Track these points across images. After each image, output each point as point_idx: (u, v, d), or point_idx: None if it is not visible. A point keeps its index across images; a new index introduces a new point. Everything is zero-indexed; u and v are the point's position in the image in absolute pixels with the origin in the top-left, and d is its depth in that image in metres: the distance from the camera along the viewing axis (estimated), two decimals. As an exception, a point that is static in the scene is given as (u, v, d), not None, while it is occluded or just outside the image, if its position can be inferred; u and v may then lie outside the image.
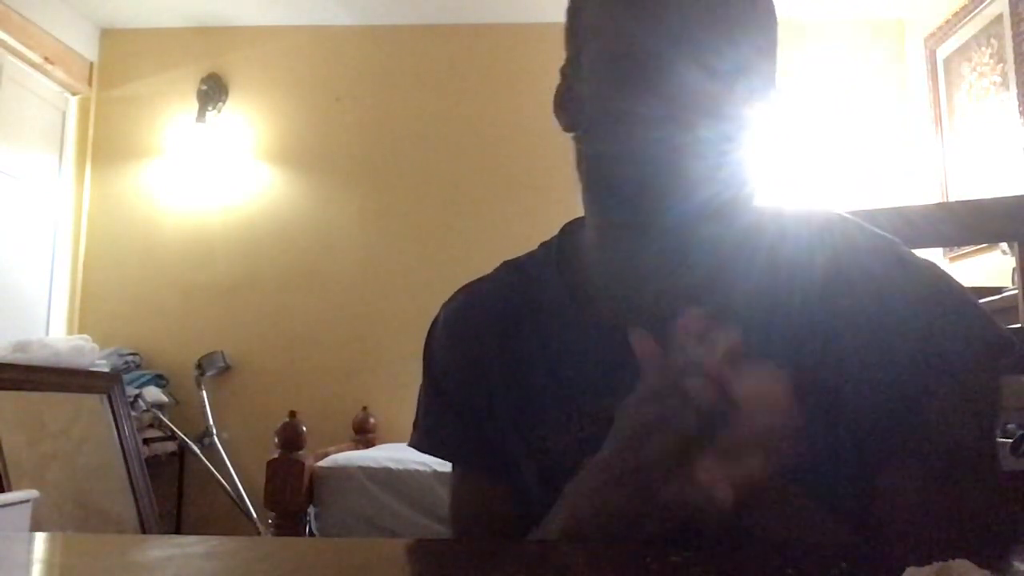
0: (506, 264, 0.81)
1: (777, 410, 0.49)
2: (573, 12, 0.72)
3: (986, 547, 0.58)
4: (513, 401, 0.72)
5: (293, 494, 2.33)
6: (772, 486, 0.58)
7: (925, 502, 0.60)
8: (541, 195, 3.37)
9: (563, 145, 0.74)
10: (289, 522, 2.34)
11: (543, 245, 0.80)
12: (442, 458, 0.79)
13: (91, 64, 3.66)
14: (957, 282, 0.66)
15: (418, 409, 0.81)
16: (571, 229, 0.78)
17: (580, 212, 0.75)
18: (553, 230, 0.81)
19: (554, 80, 0.74)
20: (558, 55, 0.74)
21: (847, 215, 0.72)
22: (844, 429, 0.63)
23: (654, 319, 0.67)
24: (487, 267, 0.82)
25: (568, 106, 0.72)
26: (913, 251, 0.69)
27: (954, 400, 0.61)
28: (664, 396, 0.53)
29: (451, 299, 0.81)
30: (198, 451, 3.15)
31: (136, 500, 2.78)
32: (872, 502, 0.62)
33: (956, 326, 0.63)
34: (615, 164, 0.65)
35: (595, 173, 0.69)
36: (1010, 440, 1.75)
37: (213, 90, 3.59)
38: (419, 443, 0.79)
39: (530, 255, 0.80)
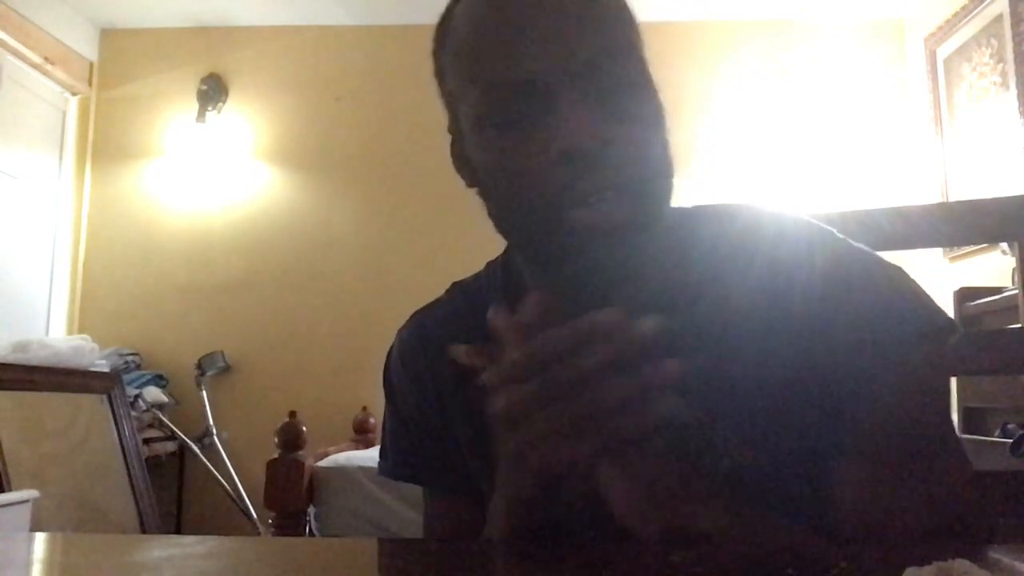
0: (456, 286, 0.81)
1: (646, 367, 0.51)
2: (438, 71, 0.71)
3: (958, 533, 0.58)
4: (470, 426, 0.73)
5: (293, 494, 2.33)
6: (718, 490, 0.59)
7: (876, 485, 0.60)
8: (541, 195, 3.37)
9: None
10: (289, 522, 2.34)
11: (489, 265, 0.80)
12: (413, 483, 0.79)
13: (91, 64, 3.66)
14: (895, 266, 0.66)
15: (383, 438, 0.82)
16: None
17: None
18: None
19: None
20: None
21: (771, 207, 0.72)
22: (790, 422, 0.63)
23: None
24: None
25: (462, 166, 0.71)
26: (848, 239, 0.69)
27: (901, 380, 0.61)
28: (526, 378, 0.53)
29: (404, 326, 0.82)
30: (198, 451, 3.15)
31: (136, 500, 2.79)
32: (824, 489, 0.62)
33: (899, 307, 0.63)
34: (529, 222, 0.63)
35: (508, 227, 0.68)
36: (1010, 440, 1.75)
37: (213, 90, 3.59)
38: (390, 472, 0.80)
39: (477, 276, 0.80)
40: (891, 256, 0.70)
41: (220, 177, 3.57)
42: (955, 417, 2.03)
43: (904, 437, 0.61)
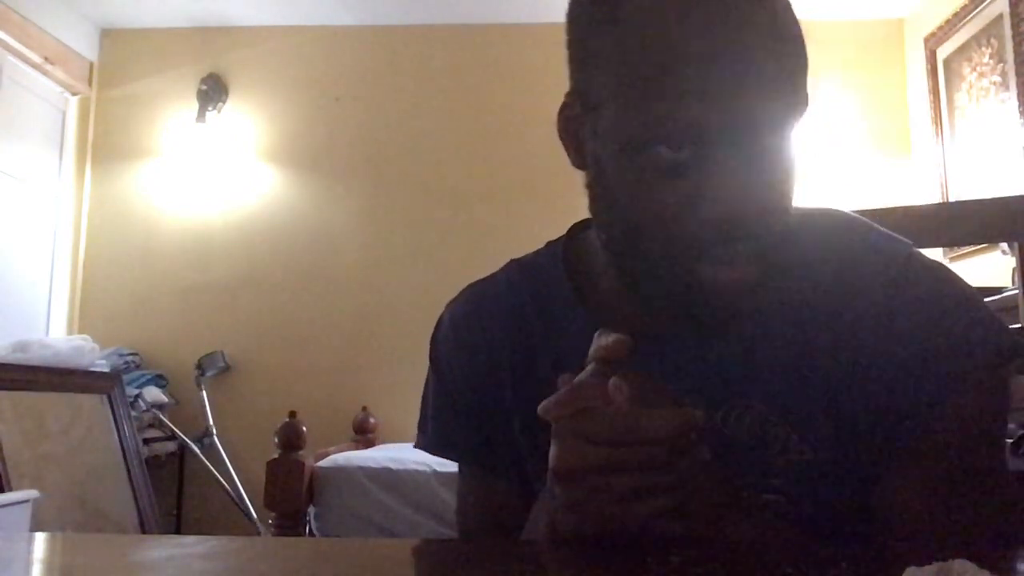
0: (514, 263, 0.79)
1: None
2: (583, 35, 0.63)
3: (992, 551, 0.58)
4: (522, 401, 0.71)
5: (293, 494, 2.33)
6: (742, 499, 0.59)
7: (931, 506, 0.60)
8: (540, 195, 3.37)
9: (562, 147, 0.72)
10: (289, 522, 2.34)
11: (550, 244, 0.78)
12: (452, 459, 0.78)
13: (91, 64, 3.66)
14: (967, 284, 0.65)
15: (424, 410, 0.79)
16: (578, 229, 0.76)
17: (579, 210, 0.73)
18: (552, 230, 0.81)
19: (552, 80, 0.73)
20: (558, 55, 0.71)
21: (855, 215, 0.71)
22: (850, 431, 0.63)
23: (667, 326, 0.66)
24: (487, 267, 0.81)
25: (576, 142, 0.65)
26: (922, 252, 0.68)
27: (963, 404, 0.60)
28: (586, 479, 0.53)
29: (457, 298, 0.80)
30: (198, 451, 3.15)
31: (136, 500, 2.78)
32: (876, 504, 0.62)
33: (965, 329, 0.61)
34: (647, 253, 0.60)
35: (614, 239, 0.64)
36: (1011, 440, 1.75)
37: (213, 90, 3.59)
38: (428, 445, 0.78)
39: (536, 254, 0.78)
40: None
41: (220, 177, 3.57)
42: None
43: (963, 462, 0.61)
